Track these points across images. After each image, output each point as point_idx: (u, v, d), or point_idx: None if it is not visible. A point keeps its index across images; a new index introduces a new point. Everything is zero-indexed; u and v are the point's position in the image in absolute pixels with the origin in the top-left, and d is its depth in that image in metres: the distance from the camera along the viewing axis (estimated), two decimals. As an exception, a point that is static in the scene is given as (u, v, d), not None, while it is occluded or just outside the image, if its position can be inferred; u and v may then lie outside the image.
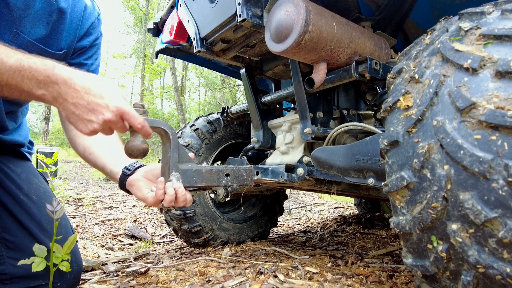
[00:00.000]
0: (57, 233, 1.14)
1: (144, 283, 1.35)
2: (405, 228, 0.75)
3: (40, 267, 0.96)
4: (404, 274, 1.34)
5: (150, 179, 1.05)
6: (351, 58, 1.32)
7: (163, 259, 1.78)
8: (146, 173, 1.05)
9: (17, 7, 1.00)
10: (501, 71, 0.64)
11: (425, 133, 0.72)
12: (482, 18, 0.73)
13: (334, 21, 1.23)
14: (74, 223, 2.81)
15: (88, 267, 1.55)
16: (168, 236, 2.58)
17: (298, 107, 1.49)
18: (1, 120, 1.12)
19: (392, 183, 0.77)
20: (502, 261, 0.60)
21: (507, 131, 0.61)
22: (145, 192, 1.00)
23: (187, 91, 20.85)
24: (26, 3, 1.02)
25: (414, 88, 0.78)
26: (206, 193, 1.99)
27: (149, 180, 1.05)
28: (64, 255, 1.01)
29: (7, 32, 1.01)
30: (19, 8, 1.01)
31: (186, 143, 1.91)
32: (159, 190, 0.94)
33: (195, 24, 1.56)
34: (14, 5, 0.99)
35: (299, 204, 4.55)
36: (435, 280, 0.73)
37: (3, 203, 1.07)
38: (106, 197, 4.51)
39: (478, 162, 0.62)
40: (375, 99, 1.60)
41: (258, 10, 1.32)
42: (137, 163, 1.10)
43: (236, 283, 1.25)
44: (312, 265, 1.49)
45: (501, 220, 0.59)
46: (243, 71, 1.81)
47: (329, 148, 1.32)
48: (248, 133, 2.18)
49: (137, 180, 1.03)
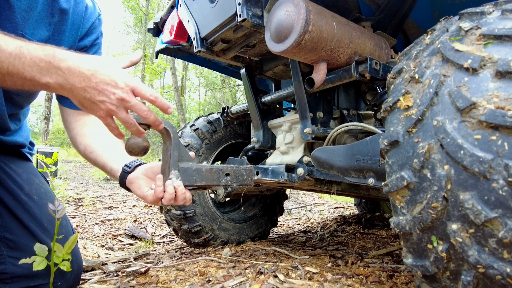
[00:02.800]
0: (58, 233, 1.15)
1: (144, 283, 1.35)
2: (405, 228, 0.75)
3: (41, 266, 0.96)
4: (404, 274, 1.34)
5: (150, 177, 1.05)
6: (351, 58, 1.32)
7: (163, 259, 1.78)
8: (146, 171, 1.05)
9: (20, 9, 0.99)
10: (501, 71, 0.64)
11: (425, 133, 0.72)
12: (482, 18, 0.73)
13: (334, 21, 1.23)
14: (74, 223, 2.81)
15: (88, 267, 1.55)
16: (168, 236, 2.58)
17: (298, 107, 1.49)
18: (4, 122, 1.12)
19: (392, 183, 0.77)
20: (502, 261, 0.60)
21: (507, 131, 0.61)
22: (144, 190, 0.99)
23: (187, 91, 20.86)
24: (29, 5, 1.01)
25: (414, 88, 0.78)
26: (206, 193, 1.99)
27: (150, 178, 1.04)
28: (65, 254, 1.01)
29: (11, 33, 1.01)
30: (23, 10, 1.00)
31: (186, 143, 1.91)
32: (158, 187, 0.94)
33: (195, 24, 1.56)
34: (18, 7, 0.99)
35: (299, 204, 4.55)
36: (435, 280, 0.73)
37: (4, 202, 1.07)
38: (106, 197, 4.51)
39: (478, 162, 0.62)
40: (375, 99, 1.60)
41: (258, 10, 1.33)
42: (138, 161, 1.09)
43: (236, 283, 1.25)
44: (312, 265, 1.49)
45: (501, 220, 0.59)
46: (243, 71, 1.81)
47: (329, 148, 1.32)
48: (248, 133, 2.18)
49: (137, 178, 1.03)
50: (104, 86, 0.77)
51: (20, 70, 0.73)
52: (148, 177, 1.04)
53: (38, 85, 0.77)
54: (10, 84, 0.77)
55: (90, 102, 0.78)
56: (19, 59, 0.73)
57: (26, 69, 0.74)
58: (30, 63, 0.74)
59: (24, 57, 0.73)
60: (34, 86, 0.77)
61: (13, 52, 0.73)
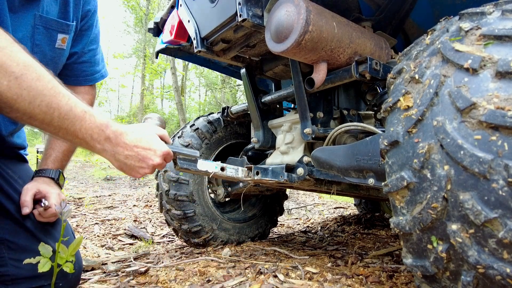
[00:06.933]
0: (57, 234, 1.15)
1: (144, 283, 1.35)
2: (405, 228, 0.75)
3: (46, 267, 0.96)
4: (404, 274, 1.34)
5: (39, 189, 1.17)
6: (352, 58, 1.32)
7: (163, 259, 1.78)
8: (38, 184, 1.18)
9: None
10: (501, 71, 0.64)
11: (425, 133, 0.72)
12: (483, 18, 0.73)
13: (334, 21, 1.23)
14: (74, 223, 2.82)
15: (88, 266, 1.55)
16: (168, 236, 2.58)
17: (298, 107, 1.49)
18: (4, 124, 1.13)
19: (392, 183, 0.77)
20: (502, 262, 0.60)
21: (507, 131, 0.61)
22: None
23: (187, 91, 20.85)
24: None
25: (414, 88, 0.78)
26: (206, 193, 1.99)
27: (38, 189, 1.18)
28: (69, 256, 1.01)
29: (30, 17, 1.04)
30: None
31: (186, 143, 1.91)
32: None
33: (195, 24, 1.56)
34: None
35: (299, 204, 4.55)
36: (435, 280, 0.73)
37: (5, 206, 1.06)
38: (106, 196, 4.51)
39: (478, 163, 0.62)
40: (375, 99, 1.60)
41: (259, 10, 1.32)
42: (43, 171, 1.22)
43: (236, 283, 1.25)
44: (312, 265, 1.49)
45: (501, 221, 0.59)
46: (243, 71, 1.81)
47: (329, 148, 1.32)
48: (248, 133, 2.18)
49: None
50: (145, 156, 0.90)
51: (77, 130, 0.82)
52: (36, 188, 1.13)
53: (85, 145, 0.86)
54: (61, 135, 0.83)
55: (130, 168, 0.91)
56: (80, 122, 0.81)
57: (81, 131, 0.82)
58: (87, 128, 0.83)
59: (84, 121, 0.82)
60: (81, 144, 0.85)
61: (78, 115, 0.81)
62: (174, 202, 1.88)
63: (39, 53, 1.10)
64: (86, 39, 1.28)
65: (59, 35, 1.14)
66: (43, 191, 1.12)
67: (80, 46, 1.27)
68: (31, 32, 1.06)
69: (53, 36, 1.13)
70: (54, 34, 1.13)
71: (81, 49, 1.27)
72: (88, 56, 1.31)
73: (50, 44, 1.13)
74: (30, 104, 0.74)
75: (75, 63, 1.28)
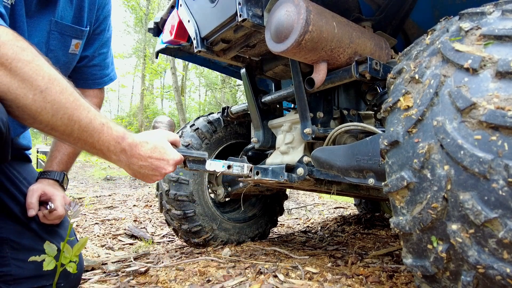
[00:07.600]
0: (61, 235, 1.15)
1: (144, 283, 1.35)
2: (405, 228, 0.75)
3: (50, 266, 0.97)
4: (404, 274, 1.34)
5: (44, 190, 1.18)
6: (352, 58, 1.32)
7: (163, 259, 1.78)
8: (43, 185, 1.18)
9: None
10: (501, 71, 0.64)
11: (425, 133, 0.72)
12: (483, 18, 0.73)
13: (334, 21, 1.23)
14: (75, 223, 2.81)
15: (88, 266, 1.55)
16: (168, 236, 2.58)
17: (298, 107, 1.49)
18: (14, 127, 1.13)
19: (392, 183, 0.77)
20: (502, 262, 0.60)
21: (507, 131, 0.60)
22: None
23: (187, 91, 20.85)
24: None
25: (414, 88, 0.78)
26: (206, 193, 1.99)
27: (44, 191, 1.18)
28: (73, 256, 1.02)
29: (46, 22, 1.04)
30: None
31: (186, 143, 1.91)
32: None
33: (195, 24, 1.56)
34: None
35: (299, 204, 4.55)
36: (435, 280, 0.73)
37: (9, 207, 1.06)
38: (106, 196, 4.51)
39: (478, 163, 0.62)
40: (375, 99, 1.60)
41: (259, 10, 1.32)
42: (48, 173, 1.23)
43: (236, 283, 1.25)
44: (312, 265, 1.49)
45: (501, 221, 0.59)
46: (243, 71, 1.81)
47: (329, 148, 1.32)
48: (248, 133, 2.18)
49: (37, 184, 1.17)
50: (158, 165, 0.93)
51: (94, 142, 0.84)
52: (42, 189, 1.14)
53: (102, 155, 0.88)
54: (79, 146, 0.85)
55: (143, 176, 0.95)
56: (98, 134, 0.84)
57: (99, 143, 0.85)
58: (104, 140, 0.85)
59: (102, 133, 0.84)
60: (98, 154, 0.88)
61: (97, 127, 0.83)
62: (174, 202, 1.88)
63: (53, 59, 1.09)
64: (98, 43, 1.27)
65: (73, 40, 1.14)
66: (49, 193, 1.12)
67: (92, 50, 1.26)
68: (46, 37, 1.06)
69: (67, 42, 1.12)
70: (68, 39, 1.12)
71: (92, 53, 1.26)
72: (99, 59, 1.30)
73: (64, 49, 1.13)
74: (53, 117, 0.76)
75: (85, 67, 1.27)
